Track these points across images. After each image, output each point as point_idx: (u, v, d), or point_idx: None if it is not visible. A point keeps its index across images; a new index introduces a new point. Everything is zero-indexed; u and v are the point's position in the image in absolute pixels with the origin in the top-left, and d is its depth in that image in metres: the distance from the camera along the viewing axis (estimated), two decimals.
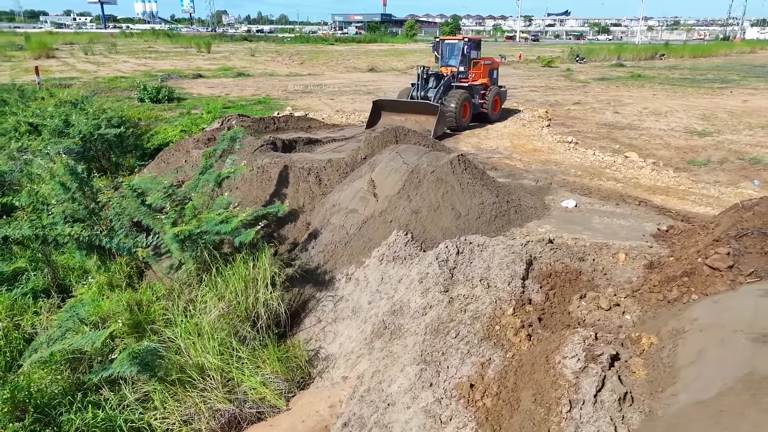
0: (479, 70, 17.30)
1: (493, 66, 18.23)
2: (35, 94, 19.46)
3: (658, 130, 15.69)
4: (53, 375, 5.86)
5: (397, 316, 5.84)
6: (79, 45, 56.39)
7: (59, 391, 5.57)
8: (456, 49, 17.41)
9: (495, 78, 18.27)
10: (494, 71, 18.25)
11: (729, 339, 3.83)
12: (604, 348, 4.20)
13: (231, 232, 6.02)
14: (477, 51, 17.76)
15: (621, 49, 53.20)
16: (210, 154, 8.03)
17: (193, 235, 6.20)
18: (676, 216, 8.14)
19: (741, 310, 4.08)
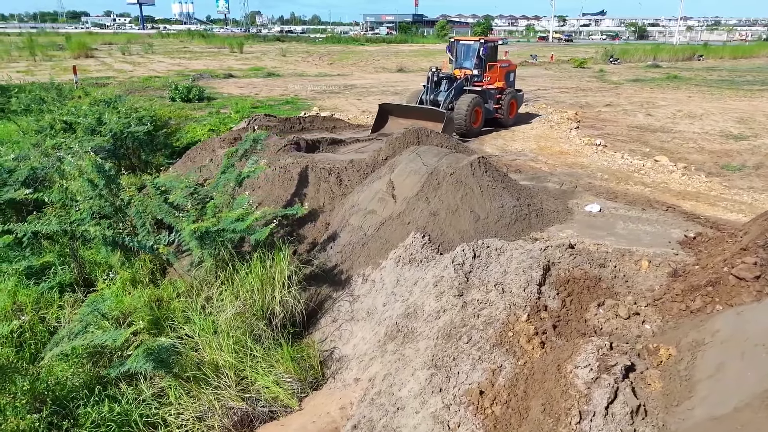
0: (495, 73, 16.57)
1: (509, 68, 17.55)
2: (71, 92, 20.02)
3: (691, 134, 15.24)
4: (75, 368, 6.01)
5: (411, 319, 5.79)
6: (117, 45, 57.90)
7: (80, 384, 5.70)
8: (471, 50, 16.65)
9: (512, 81, 17.57)
10: (511, 74, 17.57)
11: (750, 353, 3.68)
12: (619, 358, 4.08)
13: (246, 230, 6.06)
14: (493, 53, 17.00)
15: (657, 50, 51.92)
16: (232, 154, 8.12)
17: (210, 232, 6.27)
18: (705, 223, 7.88)
19: (764, 322, 3.91)
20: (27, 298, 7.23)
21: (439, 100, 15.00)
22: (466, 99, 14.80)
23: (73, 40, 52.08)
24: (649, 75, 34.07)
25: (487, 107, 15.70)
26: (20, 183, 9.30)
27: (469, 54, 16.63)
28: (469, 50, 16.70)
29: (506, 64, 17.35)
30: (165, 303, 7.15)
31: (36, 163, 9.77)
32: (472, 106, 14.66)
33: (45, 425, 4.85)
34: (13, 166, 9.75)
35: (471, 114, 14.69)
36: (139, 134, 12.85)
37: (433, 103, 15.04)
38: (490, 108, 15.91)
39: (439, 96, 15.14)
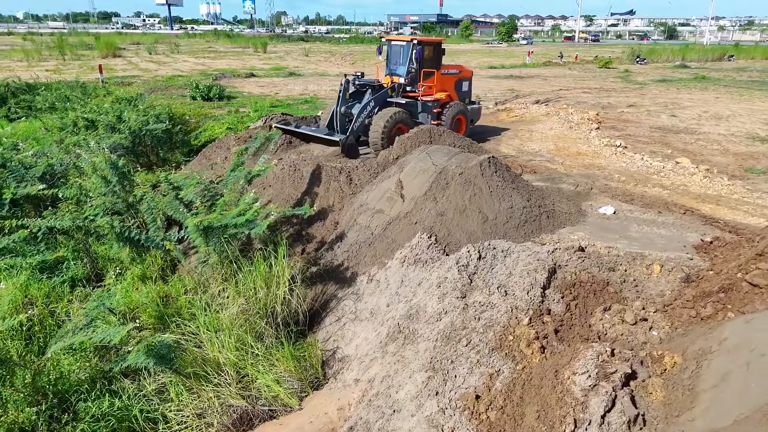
0: (435, 82, 13.39)
1: (461, 76, 14.29)
2: (96, 91, 20.38)
3: (716, 135, 14.81)
4: (81, 362, 6.07)
5: (413, 320, 5.71)
6: (144, 45, 58.88)
7: (85, 378, 5.76)
8: (403, 53, 13.46)
9: (465, 91, 14.41)
10: (463, 83, 14.32)
11: (755, 363, 3.51)
12: (619, 365, 3.94)
13: (245, 224, 6.05)
14: (434, 56, 13.55)
15: (686, 50, 50.77)
16: (242, 152, 8.14)
17: (214, 227, 6.28)
18: (723, 227, 7.62)
19: None
20: (38, 292, 7.34)
21: (353, 113, 12.08)
22: (384, 114, 11.87)
23: (102, 40, 53.14)
24: (676, 75, 33.31)
25: (420, 123, 12.56)
26: (37, 179, 9.48)
27: (403, 57, 13.49)
28: (401, 53, 13.57)
29: (456, 70, 14.31)
30: (172, 299, 7.20)
31: (53, 159, 9.94)
32: (392, 123, 11.72)
33: (45, 419, 4.90)
34: (31, 163, 9.95)
35: (390, 132, 11.69)
36: (156, 132, 13.00)
37: (345, 116, 12.33)
38: (426, 124, 12.54)
39: (354, 108, 12.22)
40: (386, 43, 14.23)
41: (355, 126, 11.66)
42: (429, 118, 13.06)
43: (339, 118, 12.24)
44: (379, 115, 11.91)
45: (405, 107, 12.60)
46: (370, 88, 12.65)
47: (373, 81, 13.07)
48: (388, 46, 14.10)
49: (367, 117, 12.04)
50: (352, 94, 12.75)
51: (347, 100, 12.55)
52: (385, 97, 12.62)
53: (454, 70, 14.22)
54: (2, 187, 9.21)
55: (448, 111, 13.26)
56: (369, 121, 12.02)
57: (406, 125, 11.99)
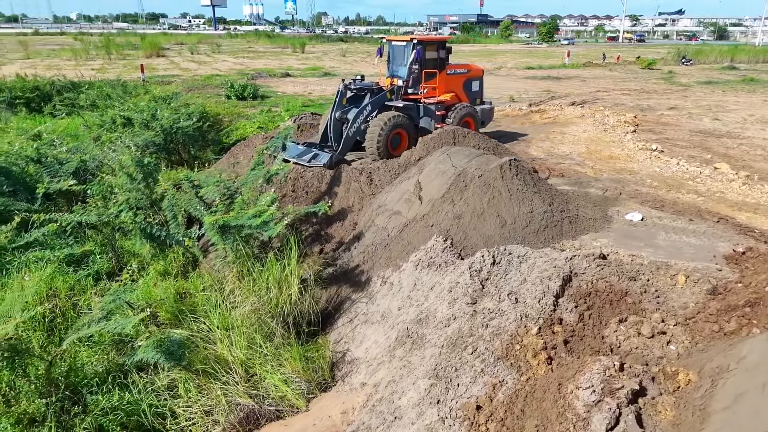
0: (438, 83, 12.64)
1: (470, 75, 13.50)
2: (136, 90, 20.95)
3: (761, 140, 14.12)
4: (100, 355, 6.20)
5: (422, 325, 5.61)
6: (187, 45, 60.32)
7: (102, 370, 5.88)
8: (403, 54, 12.71)
9: (475, 92, 13.60)
10: (473, 82, 13.52)
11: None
12: (627, 381, 3.75)
13: (259, 226, 6.06)
14: (438, 56, 12.80)
15: (735, 51, 48.72)
16: (262, 152, 8.18)
17: (229, 226, 6.32)
18: (759, 237, 7.23)
19: None
20: (63, 284, 7.54)
21: (349, 118, 11.31)
22: (379, 119, 11.16)
23: (147, 40, 54.72)
24: (723, 77, 32.00)
25: (423, 128, 12.04)
26: (70, 174, 9.78)
27: (403, 58, 12.70)
28: (401, 54, 12.78)
29: (464, 69, 13.53)
30: (190, 296, 7.30)
31: (86, 155, 10.23)
32: (389, 128, 11.04)
33: (55, 410, 5.00)
34: (65, 158, 10.27)
35: (388, 138, 11.06)
36: (187, 129, 13.26)
37: (340, 122, 11.56)
38: (428, 128, 12.03)
39: (350, 113, 11.38)
40: (387, 43, 13.60)
41: (350, 132, 10.96)
42: (432, 122, 12.27)
43: (333, 124, 11.49)
44: (375, 121, 11.26)
45: (404, 111, 11.89)
46: (369, 92, 12.02)
47: (371, 84, 12.47)
48: (389, 46, 13.42)
49: (364, 122, 11.34)
50: (352, 98, 12.14)
51: (343, 106, 11.80)
52: (384, 100, 11.91)
53: (461, 70, 13.48)
54: (37, 181, 9.56)
55: (453, 113, 12.45)
56: (365, 126, 11.34)
57: (406, 130, 11.50)
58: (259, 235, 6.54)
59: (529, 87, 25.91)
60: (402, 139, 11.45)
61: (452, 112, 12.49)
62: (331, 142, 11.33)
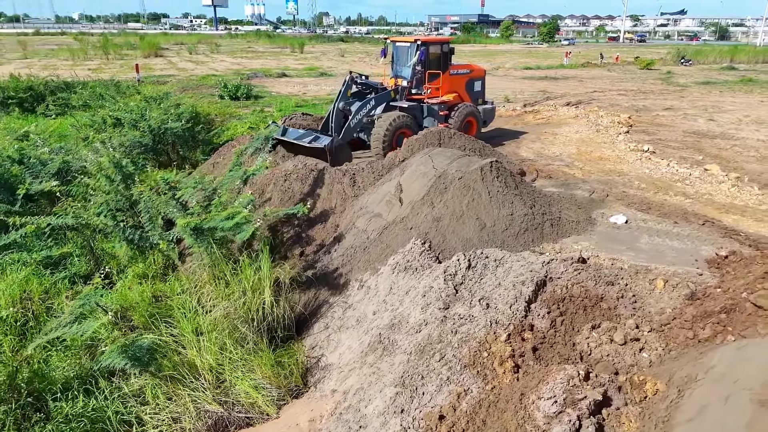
0: (442, 84, 12.76)
1: (472, 76, 13.61)
2: (129, 90, 20.86)
3: (755, 141, 13.98)
4: (72, 359, 6.10)
5: (394, 330, 5.50)
6: (187, 45, 60.25)
7: (72, 375, 5.77)
8: (407, 54, 12.95)
9: (478, 92, 13.75)
10: (475, 83, 13.65)
11: (735, 397, 3.16)
12: (590, 392, 3.64)
13: (232, 228, 5.95)
14: (441, 57, 12.95)
15: (735, 51, 48.50)
16: (241, 152, 8.07)
17: (202, 228, 6.22)
18: (744, 240, 7.11)
19: (761, 362, 3.36)
20: (39, 287, 7.44)
21: (351, 110, 11.66)
22: (385, 118, 11.40)
23: (145, 40, 54.67)
24: (722, 77, 31.82)
25: (427, 127, 11.72)
26: (51, 175, 9.67)
27: (406, 59, 12.95)
28: (405, 54, 13.05)
29: (467, 70, 13.68)
30: (166, 299, 7.19)
31: (68, 156, 10.12)
32: (394, 128, 11.25)
33: (15, 417, 4.89)
34: (47, 159, 10.16)
35: (393, 137, 11.36)
36: (176, 130, 13.14)
37: (343, 112, 11.89)
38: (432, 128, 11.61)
39: (354, 106, 11.72)
40: (391, 44, 13.73)
41: (351, 123, 11.19)
42: (435, 122, 12.36)
43: (336, 114, 11.76)
44: (380, 121, 11.47)
45: (408, 111, 12.05)
46: (373, 90, 12.20)
47: (376, 84, 12.63)
48: (393, 47, 13.58)
49: (366, 116, 11.60)
50: (356, 94, 12.36)
51: (347, 98, 12.08)
52: (387, 98, 12.11)
53: (464, 70, 13.62)
54: (20, 182, 9.45)
55: (456, 113, 12.60)
56: (367, 120, 11.63)
57: (410, 130, 11.58)
58: (234, 237, 6.42)
59: (526, 87, 25.77)
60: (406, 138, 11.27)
61: (455, 112, 12.59)
62: (331, 131, 11.47)
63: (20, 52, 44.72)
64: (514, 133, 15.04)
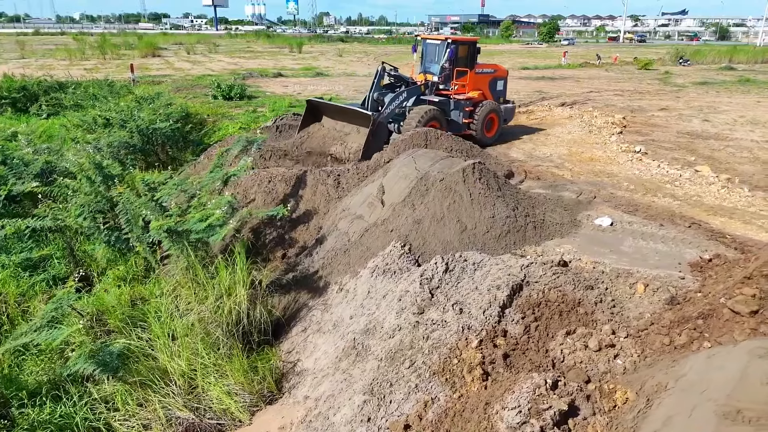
0: (468, 81, 13.41)
1: (496, 75, 14.28)
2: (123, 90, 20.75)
3: (749, 142, 13.87)
4: (46, 364, 6.01)
5: (369, 335, 5.39)
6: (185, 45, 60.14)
7: (47, 380, 5.68)
8: (437, 52, 13.63)
9: (500, 90, 14.38)
10: (498, 82, 14.29)
11: (700, 408, 3.06)
12: (555, 401, 3.53)
13: (204, 231, 5.84)
14: (468, 55, 13.61)
15: (734, 51, 48.31)
16: (222, 154, 7.97)
17: (176, 230, 6.12)
18: (730, 243, 7.00)
19: (729, 371, 3.26)
20: (16, 289, 7.35)
21: (385, 101, 12.21)
22: (417, 111, 12.04)
23: (144, 39, 54.56)
24: (719, 78, 31.67)
25: (453, 121, 12.96)
26: (33, 176, 9.57)
27: (436, 56, 13.66)
28: (435, 51, 13.76)
29: (491, 69, 14.29)
30: (143, 302, 7.10)
31: (51, 156, 10.02)
32: (425, 120, 11.86)
33: None
34: (30, 159, 10.06)
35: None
36: (164, 130, 13.05)
37: (377, 102, 12.57)
38: (458, 122, 13.02)
39: (387, 97, 12.32)
40: (421, 41, 14.34)
41: (385, 113, 11.71)
42: (461, 116, 13.10)
43: (371, 104, 12.49)
44: (411, 113, 12.06)
45: (438, 105, 12.69)
46: (404, 83, 12.88)
47: (407, 78, 13.29)
48: (423, 44, 14.22)
49: (398, 107, 12.20)
50: (387, 86, 13.07)
51: (380, 88, 12.81)
52: (418, 91, 12.75)
53: (489, 69, 14.22)
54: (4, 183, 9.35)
55: (480, 110, 13.22)
56: (399, 110, 12.28)
57: (439, 123, 12.25)
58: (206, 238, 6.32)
59: (522, 87, 25.64)
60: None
61: (479, 109, 13.28)
62: None
63: (18, 51, 44.62)
64: (506, 133, 14.91)
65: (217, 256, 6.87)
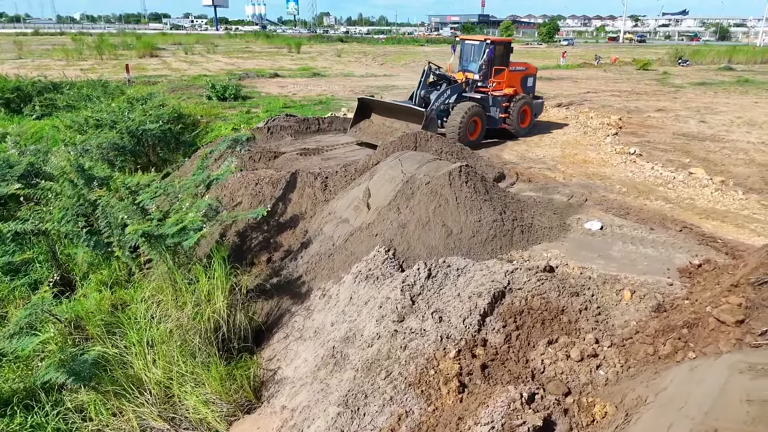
0: (504, 78, 14.40)
1: (527, 73, 15.22)
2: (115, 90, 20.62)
3: (745, 143, 13.73)
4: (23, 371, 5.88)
5: (348, 344, 5.27)
6: (183, 45, 60.02)
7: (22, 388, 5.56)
8: (476, 51, 14.62)
9: (530, 87, 15.26)
10: (529, 79, 15.24)
11: (677, 426, 2.93)
12: (530, 416, 3.40)
13: (177, 234, 5.71)
14: (504, 55, 14.61)
15: (733, 51, 48.13)
16: (206, 156, 7.85)
17: (153, 234, 5.99)
18: (721, 247, 6.86)
19: (708, 387, 3.13)
20: None
21: (431, 98, 13.20)
22: (461, 107, 12.97)
23: (141, 40, 54.42)
24: (718, 78, 31.51)
25: (491, 116, 13.94)
26: (17, 178, 9.44)
27: (475, 55, 14.71)
28: (474, 51, 14.79)
29: (522, 67, 15.23)
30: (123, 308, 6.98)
31: (35, 158, 9.89)
32: (468, 116, 12.79)
33: None
34: (15, 161, 9.94)
35: (467, 125, 12.82)
36: (154, 131, 12.92)
37: (423, 100, 13.51)
38: (495, 116, 14.02)
39: (432, 94, 13.31)
40: (460, 42, 15.42)
41: (433, 108, 12.71)
42: (498, 111, 14.10)
43: (418, 101, 13.49)
44: (456, 109, 12.99)
45: (479, 101, 13.68)
46: (446, 81, 13.92)
47: (448, 76, 14.27)
48: (461, 44, 15.29)
49: (443, 103, 13.20)
50: (430, 84, 13.98)
51: (427, 86, 13.79)
52: (459, 89, 13.75)
53: (521, 67, 15.09)
54: None
55: (515, 104, 14.23)
56: (444, 107, 13.28)
57: (480, 118, 13.31)
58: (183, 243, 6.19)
59: None
60: (476, 126, 13.34)
61: (514, 103, 14.26)
62: None
63: (16, 52, 44.53)
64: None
65: (202, 260, 6.75)
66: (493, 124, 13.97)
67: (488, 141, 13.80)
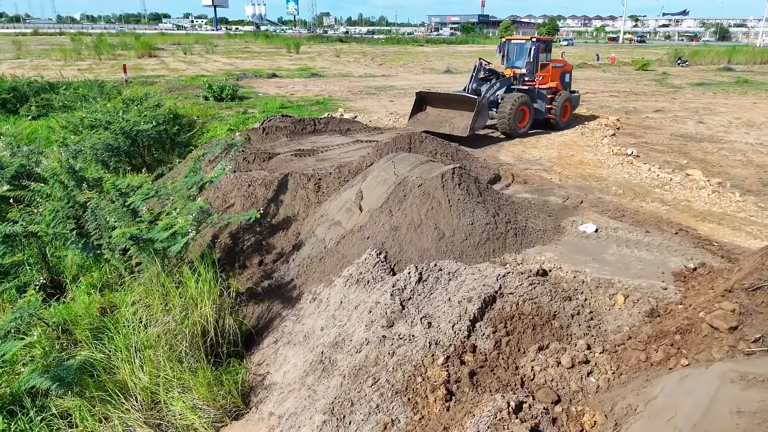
0: (548, 73, 15.80)
1: (565, 69, 16.62)
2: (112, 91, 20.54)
3: (743, 144, 13.65)
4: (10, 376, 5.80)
5: (337, 349, 5.19)
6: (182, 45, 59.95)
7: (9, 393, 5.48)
8: (522, 49, 16.09)
9: (567, 82, 16.64)
10: (566, 75, 16.65)
11: None
12: (517, 427, 3.33)
13: (167, 239, 5.64)
14: (546, 53, 16.20)
15: (733, 52, 48.03)
16: (198, 158, 7.77)
17: (139, 238, 5.92)
18: (717, 251, 6.78)
19: (698, 397, 3.05)
20: None
21: (481, 90, 14.39)
22: (511, 97, 14.28)
23: (140, 40, 54.33)
24: (717, 78, 31.43)
25: (537, 108, 15.12)
26: (7, 179, 9.36)
27: (521, 53, 16.13)
28: (520, 49, 16.21)
29: (561, 64, 16.55)
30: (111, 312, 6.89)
31: (26, 159, 9.81)
32: (517, 105, 14.16)
33: None
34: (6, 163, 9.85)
35: (516, 113, 14.21)
36: (149, 132, 12.83)
37: (475, 92, 14.50)
38: (541, 109, 15.25)
39: (483, 87, 14.54)
40: (505, 42, 16.82)
41: (485, 96, 14.04)
42: (543, 103, 15.35)
43: (470, 93, 14.46)
44: (506, 99, 14.27)
45: (527, 93, 14.91)
46: (495, 75, 15.23)
47: (497, 71, 15.55)
48: (507, 44, 16.71)
49: (493, 94, 14.45)
50: (481, 79, 15.17)
51: (479, 80, 15.02)
52: (508, 82, 15.07)
53: (559, 64, 16.53)
54: None
55: (558, 98, 15.63)
56: (493, 98, 14.47)
57: (528, 108, 14.66)
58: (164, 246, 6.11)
59: None
60: (524, 115, 14.73)
61: (558, 97, 15.71)
62: None
63: (14, 52, 44.47)
64: (496, 136, 14.72)
65: (193, 263, 6.67)
66: (538, 116, 15.25)
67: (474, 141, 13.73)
